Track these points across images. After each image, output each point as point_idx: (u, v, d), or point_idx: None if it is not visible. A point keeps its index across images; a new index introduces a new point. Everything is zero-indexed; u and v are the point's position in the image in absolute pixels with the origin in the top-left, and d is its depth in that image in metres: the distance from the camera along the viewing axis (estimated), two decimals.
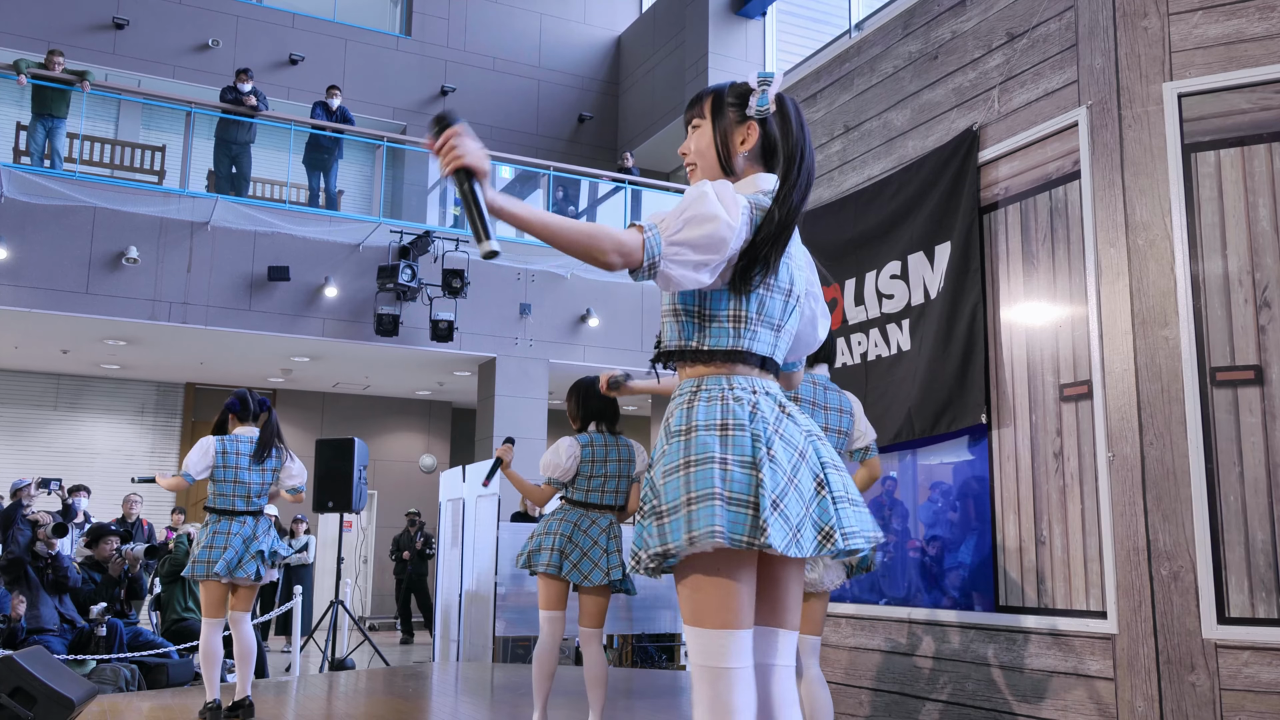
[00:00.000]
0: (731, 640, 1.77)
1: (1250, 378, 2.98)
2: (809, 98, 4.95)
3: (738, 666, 1.77)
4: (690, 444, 1.81)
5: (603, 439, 4.20)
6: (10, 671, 4.11)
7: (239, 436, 4.85)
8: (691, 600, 1.80)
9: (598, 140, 15.22)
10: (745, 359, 1.91)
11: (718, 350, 1.90)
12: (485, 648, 8.36)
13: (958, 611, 3.76)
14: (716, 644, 1.77)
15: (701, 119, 2.04)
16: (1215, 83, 3.12)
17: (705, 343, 1.90)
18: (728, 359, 1.90)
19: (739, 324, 1.91)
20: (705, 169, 2.03)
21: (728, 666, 1.76)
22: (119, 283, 9.21)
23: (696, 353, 1.91)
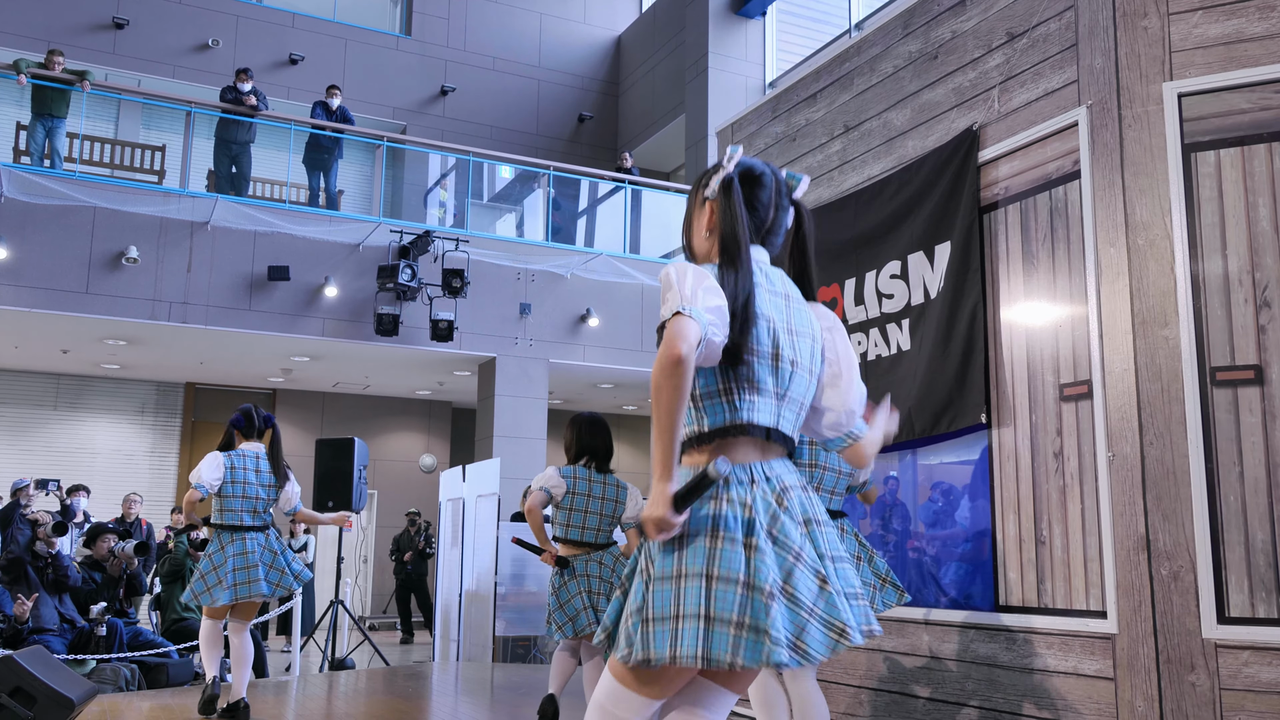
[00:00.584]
0: (649, 707, 1.88)
1: (1250, 378, 2.98)
2: (809, 98, 4.95)
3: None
4: (683, 555, 1.81)
5: (587, 474, 4.24)
6: (10, 671, 4.11)
7: (245, 452, 4.87)
8: (637, 675, 1.86)
9: (597, 140, 15.22)
10: (748, 432, 1.89)
11: (715, 429, 1.88)
12: (485, 648, 8.36)
13: (958, 611, 3.76)
14: (638, 704, 1.87)
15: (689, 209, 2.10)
16: (1215, 83, 3.12)
17: (704, 424, 1.89)
18: (725, 435, 1.88)
19: (730, 396, 1.88)
20: (694, 255, 2.07)
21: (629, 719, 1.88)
22: (119, 283, 9.21)
23: (700, 436, 1.90)
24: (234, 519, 4.74)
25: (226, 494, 4.75)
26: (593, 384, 12.56)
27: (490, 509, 8.57)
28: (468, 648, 8.67)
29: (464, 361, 11.35)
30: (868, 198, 4.42)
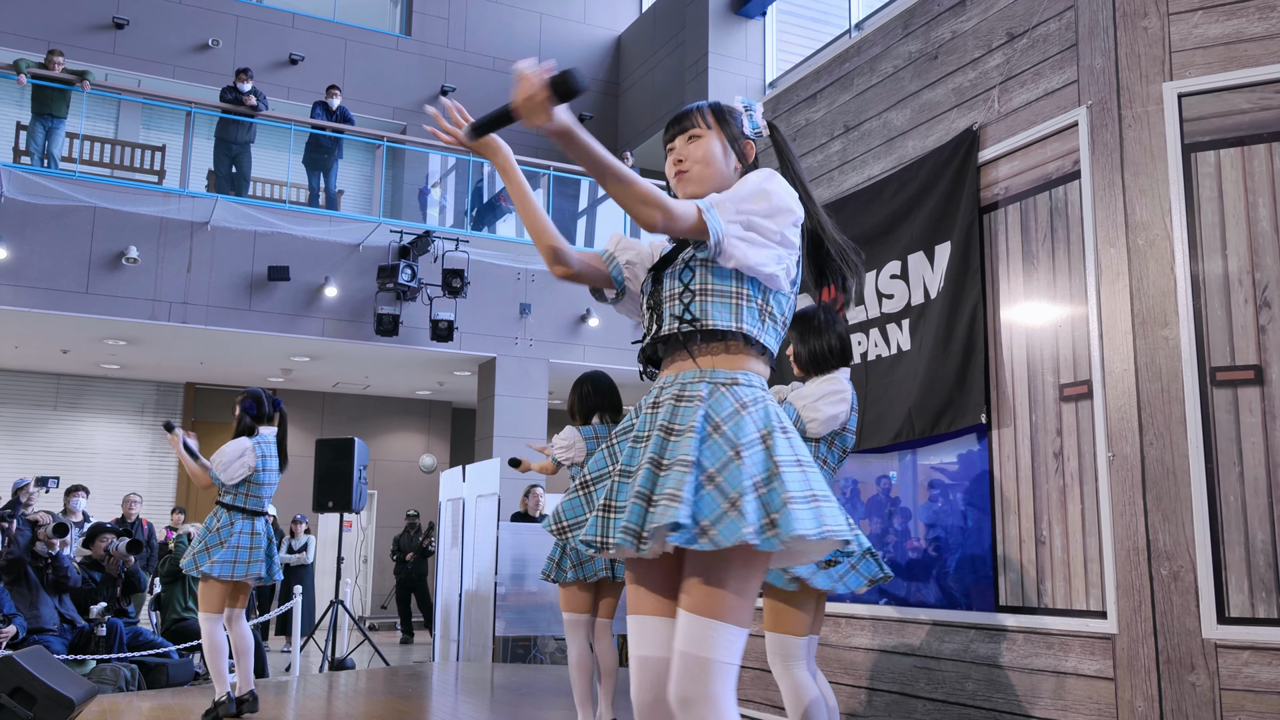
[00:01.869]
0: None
1: (1250, 378, 2.98)
2: (809, 98, 4.95)
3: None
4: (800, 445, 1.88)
5: (606, 432, 4.22)
6: (10, 671, 4.11)
7: (266, 438, 4.90)
8: (747, 596, 1.81)
9: (598, 140, 15.22)
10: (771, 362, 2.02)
11: (769, 350, 1.98)
12: (485, 648, 8.37)
13: (958, 611, 3.76)
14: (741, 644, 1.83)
15: (703, 129, 2.07)
16: (1215, 83, 3.12)
17: (764, 339, 1.96)
18: (769, 361, 1.99)
19: (783, 329, 2.03)
20: (702, 177, 2.04)
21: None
22: (119, 283, 9.22)
23: (755, 343, 1.95)
24: (256, 504, 4.86)
25: (256, 480, 4.81)
26: None
27: (490, 509, 8.57)
28: (468, 648, 8.68)
29: (464, 361, 11.35)
30: (868, 198, 4.42)
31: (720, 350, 1.92)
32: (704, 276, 1.94)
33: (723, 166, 2.06)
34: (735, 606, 1.78)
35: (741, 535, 1.68)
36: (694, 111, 2.09)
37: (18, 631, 6.08)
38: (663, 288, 1.99)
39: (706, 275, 1.94)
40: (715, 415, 1.83)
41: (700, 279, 1.94)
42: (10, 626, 6.03)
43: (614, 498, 1.86)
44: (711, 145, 2.06)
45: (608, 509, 1.85)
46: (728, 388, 1.88)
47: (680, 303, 1.95)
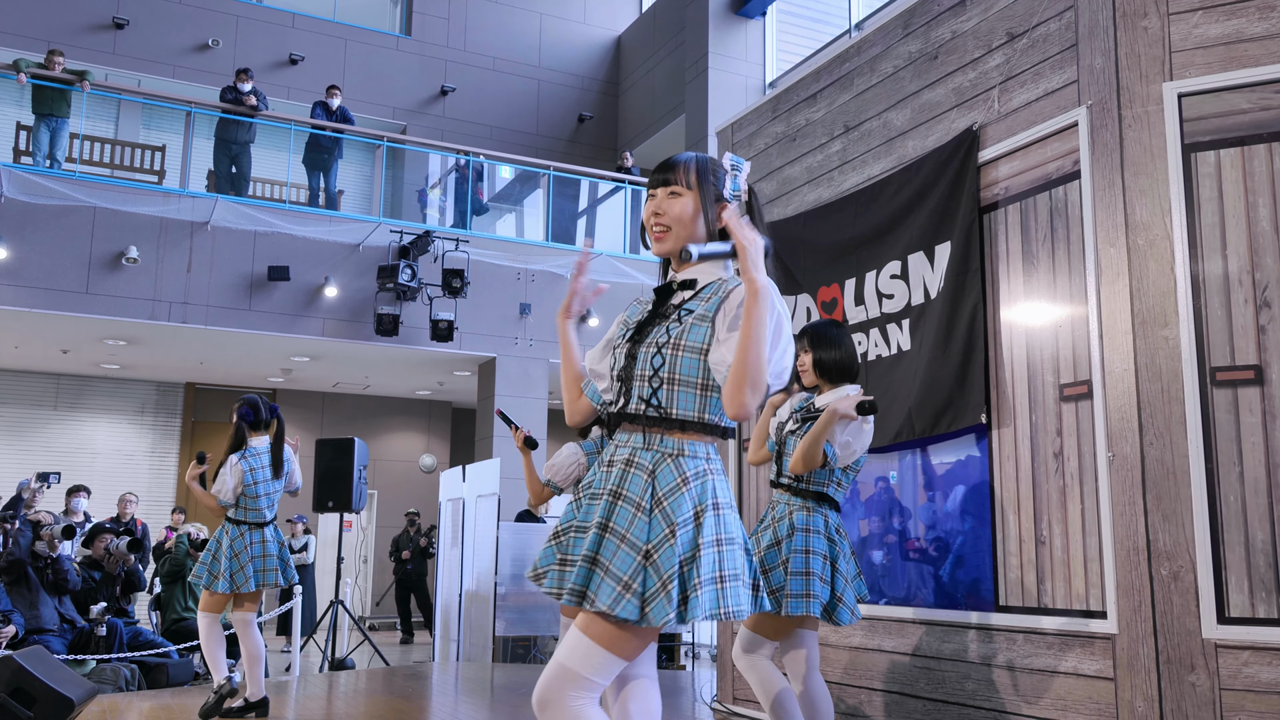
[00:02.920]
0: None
1: (1250, 378, 2.98)
2: (809, 98, 4.95)
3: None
4: (729, 520, 2.00)
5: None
6: (10, 671, 4.11)
7: (258, 450, 4.94)
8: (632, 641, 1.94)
9: (597, 140, 15.22)
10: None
11: (721, 425, 2.06)
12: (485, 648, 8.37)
13: (958, 611, 3.76)
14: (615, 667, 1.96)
15: (683, 188, 2.10)
16: (1215, 83, 3.13)
17: (725, 423, 2.05)
18: (726, 435, 2.09)
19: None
20: (678, 238, 2.09)
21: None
22: (119, 283, 9.22)
23: (714, 427, 2.04)
24: (256, 517, 4.93)
25: (247, 494, 4.89)
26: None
27: (490, 509, 8.57)
28: (468, 648, 8.68)
29: (464, 361, 11.35)
30: (868, 198, 4.42)
31: (677, 431, 2.01)
32: (674, 364, 2.01)
33: (696, 228, 2.10)
34: (624, 642, 1.93)
35: (667, 617, 1.87)
36: (678, 166, 2.13)
37: (17, 631, 6.08)
38: (635, 364, 2.06)
39: (676, 363, 2.01)
40: (659, 490, 1.97)
41: (670, 367, 2.01)
42: (10, 626, 6.03)
43: (569, 551, 2.01)
44: (689, 205, 2.09)
45: (564, 562, 2.01)
46: (673, 459, 1.99)
47: (649, 386, 2.02)
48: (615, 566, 1.91)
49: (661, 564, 1.90)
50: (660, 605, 1.87)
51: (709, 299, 2.05)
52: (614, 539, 1.94)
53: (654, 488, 1.97)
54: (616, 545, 1.93)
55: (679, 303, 2.09)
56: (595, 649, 1.91)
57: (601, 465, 2.07)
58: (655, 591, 1.89)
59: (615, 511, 1.96)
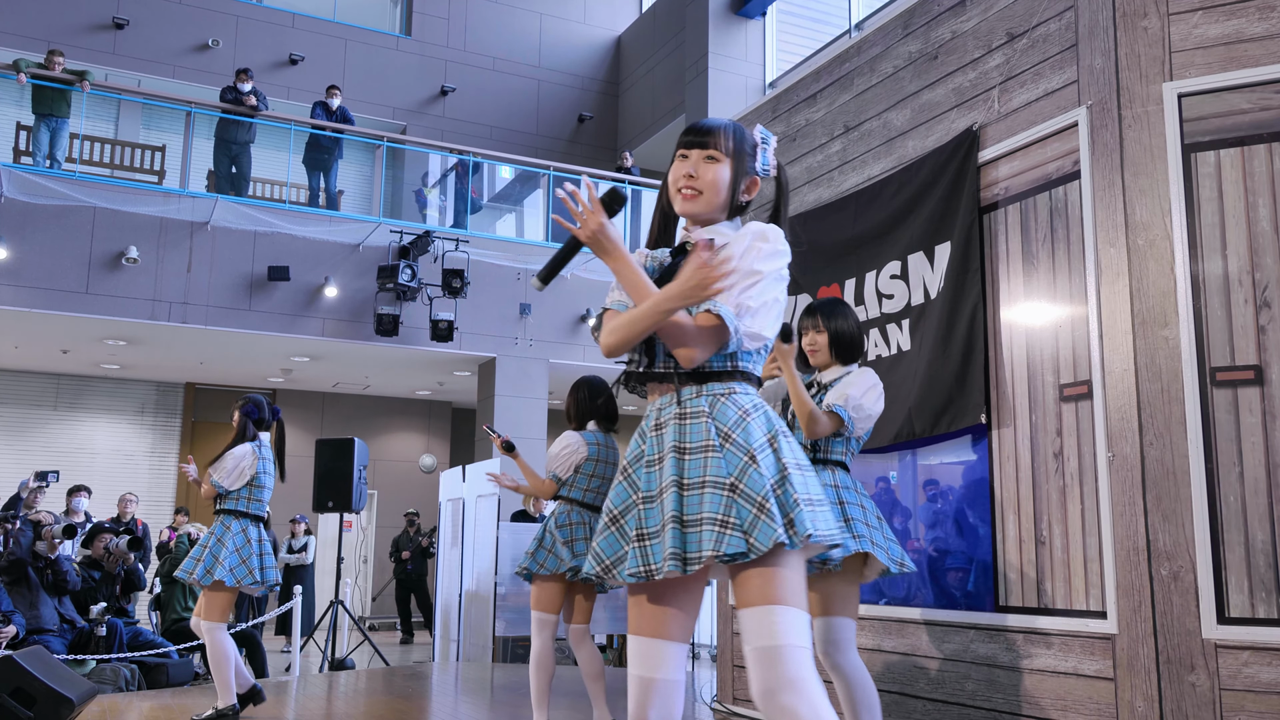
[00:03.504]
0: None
1: (1250, 378, 2.98)
2: (809, 98, 4.95)
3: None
4: (798, 449, 1.97)
5: (603, 439, 4.23)
6: (10, 671, 4.11)
7: (265, 443, 4.91)
8: (797, 581, 1.86)
9: (598, 140, 15.22)
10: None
11: (755, 374, 2.04)
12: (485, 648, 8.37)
13: (958, 611, 3.76)
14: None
15: (721, 155, 2.06)
16: (1215, 83, 3.12)
17: (755, 369, 2.04)
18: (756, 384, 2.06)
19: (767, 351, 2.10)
20: (709, 203, 2.07)
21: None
22: (119, 283, 9.22)
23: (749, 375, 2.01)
24: (259, 509, 4.84)
25: (258, 484, 4.80)
26: None
27: (490, 509, 8.57)
28: (468, 648, 8.68)
29: (464, 361, 11.35)
30: (868, 198, 4.42)
31: (712, 380, 1.98)
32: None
33: (727, 197, 2.08)
34: (792, 590, 1.83)
35: (776, 536, 1.78)
36: (718, 131, 2.08)
37: (18, 631, 6.08)
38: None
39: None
40: (723, 425, 1.91)
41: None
42: (10, 626, 6.03)
43: (645, 525, 1.91)
44: (725, 173, 2.06)
45: (642, 538, 1.90)
46: (727, 397, 1.94)
47: None
48: (706, 510, 1.84)
49: (751, 489, 1.84)
50: (765, 528, 1.79)
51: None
52: (694, 491, 1.87)
53: (715, 426, 1.92)
54: (699, 493, 1.86)
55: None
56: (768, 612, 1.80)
57: (647, 432, 2.00)
58: (753, 518, 1.81)
59: (685, 466, 1.90)
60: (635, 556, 1.89)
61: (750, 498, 1.83)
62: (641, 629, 1.95)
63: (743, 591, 1.86)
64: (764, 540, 1.78)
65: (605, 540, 1.98)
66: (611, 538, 1.97)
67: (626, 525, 1.96)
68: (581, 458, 4.16)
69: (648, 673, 1.91)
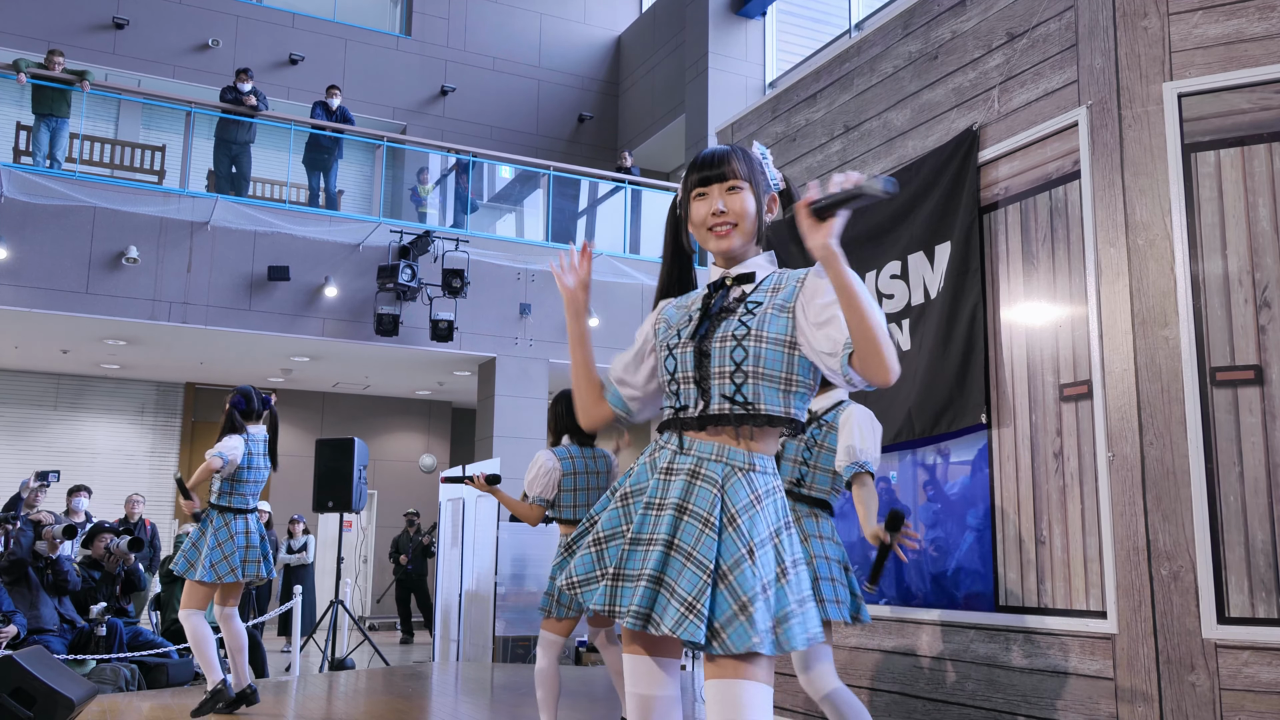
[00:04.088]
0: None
1: (1250, 378, 2.98)
2: (809, 98, 4.95)
3: None
4: (797, 540, 1.92)
5: (579, 451, 4.19)
6: (10, 671, 4.11)
7: (254, 435, 4.89)
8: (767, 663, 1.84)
9: (597, 140, 15.22)
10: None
11: (800, 421, 1.97)
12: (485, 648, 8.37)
13: (958, 611, 3.76)
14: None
15: (742, 181, 2.02)
16: (1215, 83, 3.12)
17: (801, 414, 1.98)
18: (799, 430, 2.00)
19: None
20: (746, 233, 2.02)
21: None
22: (119, 283, 9.22)
23: (795, 423, 1.95)
24: (241, 502, 4.83)
25: (243, 477, 4.80)
26: None
27: (490, 509, 8.57)
28: (468, 648, 8.68)
29: (464, 361, 11.35)
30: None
31: (762, 434, 1.91)
32: (757, 355, 1.89)
33: (754, 226, 2.04)
34: (758, 666, 1.80)
35: (750, 645, 1.74)
36: (732, 158, 2.04)
37: (19, 632, 6.08)
38: (710, 361, 1.92)
39: (760, 354, 1.89)
40: (731, 506, 1.85)
41: (754, 358, 1.90)
42: (10, 626, 6.03)
43: (623, 566, 1.87)
44: (751, 200, 2.02)
45: (618, 578, 1.86)
46: (744, 474, 1.88)
47: (732, 383, 1.90)
48: (681, 586, 1.79)
49: (739, 586, 1.78)
50: (741, 630, 1.75)
51: (775, 289, 1.96)
52: (679, 557, 1.82)
53: (724, 503, 1.85)
54: (682, 564, 1.81)
55: (739, 296, 1.98)
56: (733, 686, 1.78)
57: (657, 472, 1.94)
58: (731, 615, 1.77)
59: (681, 528, 1.84)
60: (604, 592, 1.87)
61: (735, 594, 1.78)
62: (633, 646, 1.94)
63: (713, 662, 1.83)
64: (737, 643, 1.75)
65: (582, 559, 1.94)
66: (588, 558, 1.94)
67: (607, 553, 1.92)
68: (558, 475, 4.14)
69: (645, 690, 1.93)
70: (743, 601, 1.77)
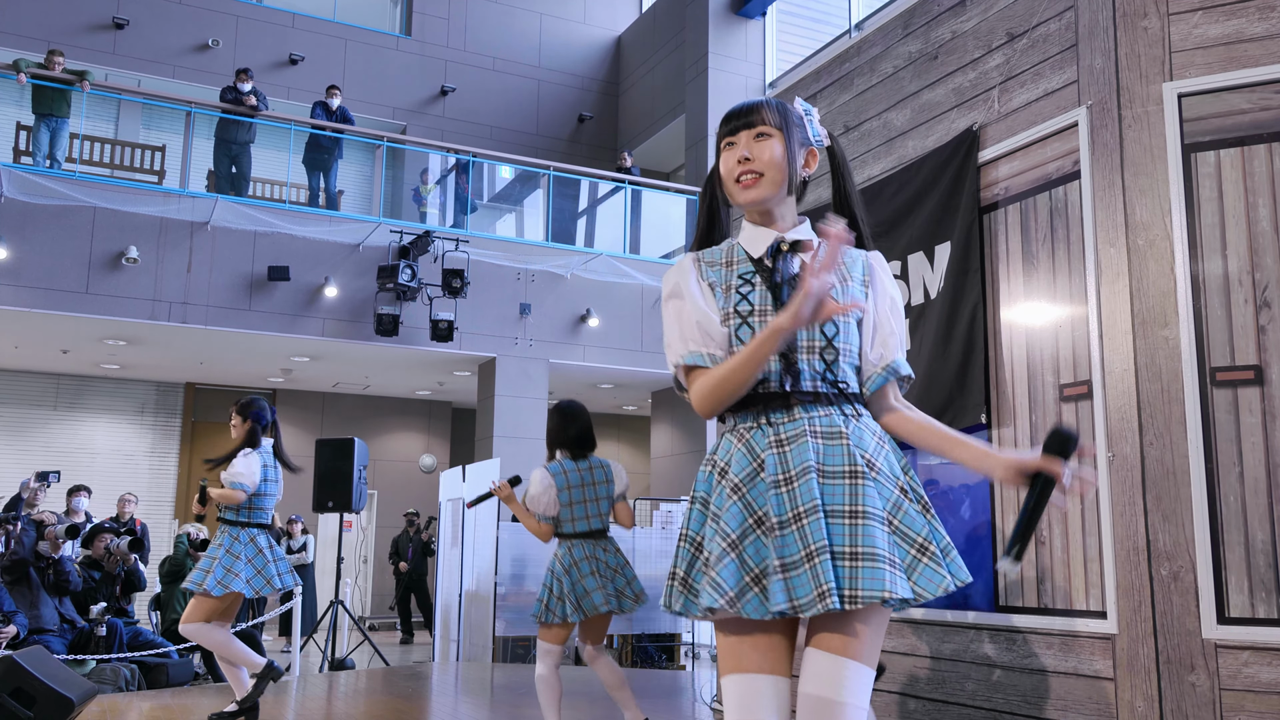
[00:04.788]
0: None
1: (1250, 378, 2.98)
2: (808, 98, 4.95)
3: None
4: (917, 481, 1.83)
5: (573, 465, 4.22)
6: (10, 671, 4.11)
7: (266, 447, 4.85)
8: (880, 637, 1.75)
9: (597, 140, 15.22)
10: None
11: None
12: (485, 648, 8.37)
13: (958, 611, 3.76)
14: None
15: (771, 129, 1.92)
16: (1215, 83, 3.12)
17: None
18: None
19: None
20: (774, 183, 1.92)
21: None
22: (119, 283, 9.22)
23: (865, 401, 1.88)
24: (262, 517, 4.77)
25: (262, 492, 4.73)
26: (593, 384, 12.56)
27: (490, 509, 8.57)
28: (468, 648, 8.68)
29: (464, 361, 11.35)
30: (868, 198, 4.42)
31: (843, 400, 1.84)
32: (846, 333, 1.81)
33: (788, 174, 1.93)
34: (871, 647, 1.71)
35: (946, 584, 1.64)
36: (762, 107, 1.93)
37: (18, 631, 6.08)
38: (798, 335, 1.79)
39: (849, 331, 1.82)
40: (864, 450, 1.75)
41: (843, 336, 1.81)
42: (11, 626, 6.03)
43: (784, 555, 1.68)
44: (779, 148, 1.92)
45: (785, 569, 1.68)
46: (858, 419, 1.80)
47: (823, 360, 1.79)
48: (868, 545, 1.64)
49: (910, 527, 1.68)
50: (930, 573, 1.64)
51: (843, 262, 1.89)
52: (842, 521, 1.67)
53: (857, 452, 1.73)
54: (850, 525, 1.66)
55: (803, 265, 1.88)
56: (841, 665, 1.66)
57: (764, 450, 1.75)
58: (912, 560, 1.64)
59: (829, 491, 1.70)
60: (779, 589, 1.65)
61: (909, 538, 1.67)
62: (748, 666, 1.71)
63: (822, 631, 1.69)
64: (930, 587, 1.64)
65: (726, 569, 1.70)
66: (732, 565, 1.70)
67: (746, 552, 1.71)
68: (554, 492, 4.16)
69: (755, 714, 1.68)
70: (919, 543, 1.67)
